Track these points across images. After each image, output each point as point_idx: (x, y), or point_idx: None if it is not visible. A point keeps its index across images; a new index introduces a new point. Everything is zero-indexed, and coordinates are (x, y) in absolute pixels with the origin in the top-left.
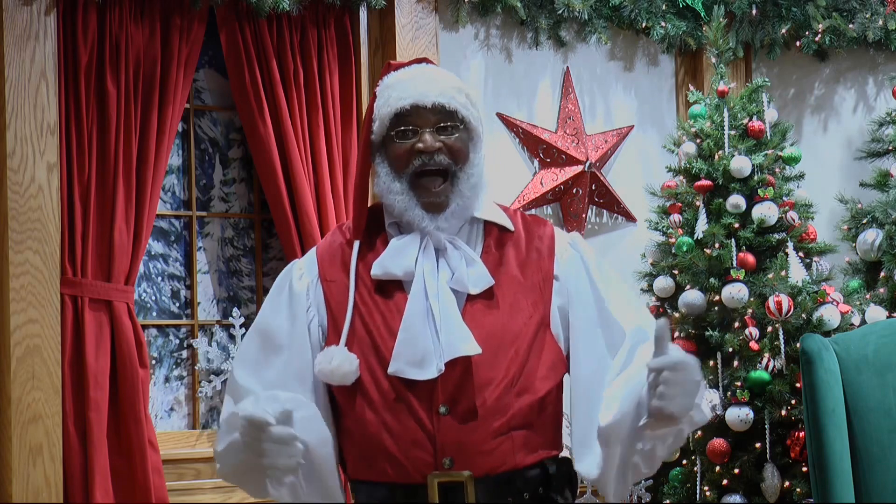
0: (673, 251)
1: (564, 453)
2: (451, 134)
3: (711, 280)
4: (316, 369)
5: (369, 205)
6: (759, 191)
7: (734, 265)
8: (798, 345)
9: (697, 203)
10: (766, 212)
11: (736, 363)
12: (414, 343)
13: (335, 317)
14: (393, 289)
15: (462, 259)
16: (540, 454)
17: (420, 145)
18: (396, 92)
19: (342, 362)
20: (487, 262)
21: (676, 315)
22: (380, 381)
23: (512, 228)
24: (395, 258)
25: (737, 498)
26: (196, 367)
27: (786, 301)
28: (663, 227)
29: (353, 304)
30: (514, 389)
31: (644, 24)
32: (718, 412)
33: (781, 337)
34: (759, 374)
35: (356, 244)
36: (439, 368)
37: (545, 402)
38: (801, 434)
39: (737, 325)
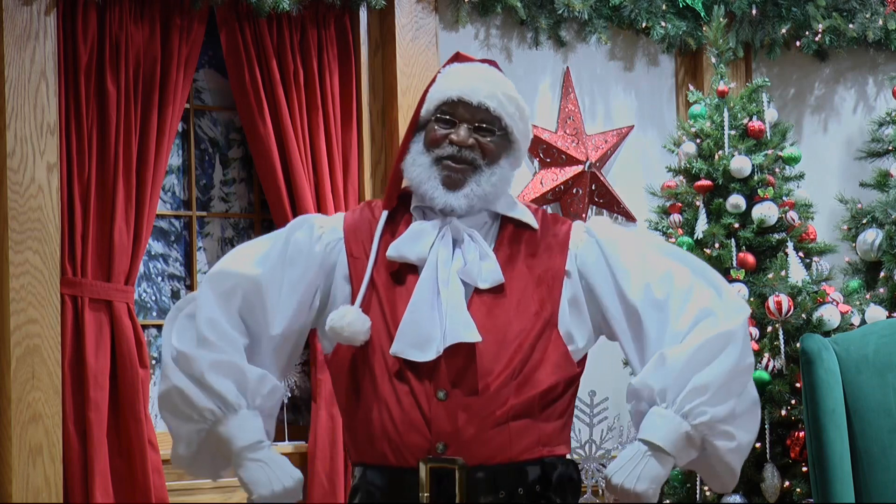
0: None
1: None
2: (486, 136)
3: None
4: (327, 325)
5: (404, 185)
6: (759, 191)
7: (734, 265)
8: (798, 345)
9: (697, 203)
10: (766, 212)
11: None
12: (418, 326)
13: (354, 289)
14: (407, 271)
15: (476, 252)
16: (540, 451)
17: (454, 136)
18: (451, 82)
19: (354, 321)
20: (498, 256)
21: None
22: (385, 360)
23: (536, 226)
24: (411, 243)
25: (737, 498)
26: None
27: (786, 301)
28: (663, 227)
29: (370, 279)
30: (515, 381)
31: (644, 24)
32: None
33: (781, 337)
34: (759, 374)
35: (384, 216)
36: (438, 351)
37: (548, 397)
38: (801, 434)
39: None
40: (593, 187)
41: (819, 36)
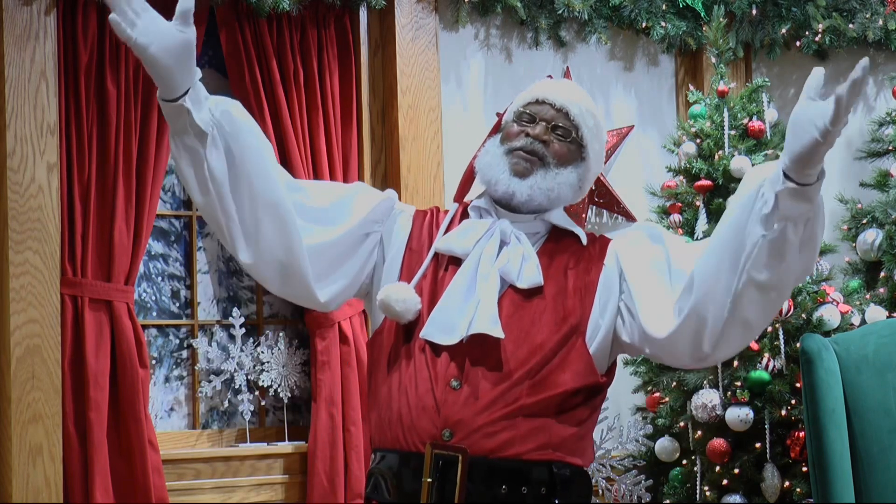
0: None
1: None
2: (562, 138)
3: None
4: (380, 296)
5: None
6: None
7: None
8: (798, 345)
9: (697, 203)
10: None
11: (736, 363)
12: (448, 312)
13: (402, 274)
14: (454, 265)
15: (520, 253)
16: (549, 454)
17: (530, 130)
18: (536, 87)
19: (409, 297)
20: (540, 261)
21: None
22: (415, 346)
23: (584, 242)
24: (459, 237)
25: (737, 498)
26: (196, 367)
27: (786, 301)
28: (663, 227)
29: (428, 265)
30: (531, 381)
31: (644, 24)
32: (718, 412)
33: (781, 337)
34: (759, 374)
35: (453, 207)
36: (461, 336)
37: (565, 402)
38: (801, 434)
39: None
40: (593, 187)
41: (819, 36)
